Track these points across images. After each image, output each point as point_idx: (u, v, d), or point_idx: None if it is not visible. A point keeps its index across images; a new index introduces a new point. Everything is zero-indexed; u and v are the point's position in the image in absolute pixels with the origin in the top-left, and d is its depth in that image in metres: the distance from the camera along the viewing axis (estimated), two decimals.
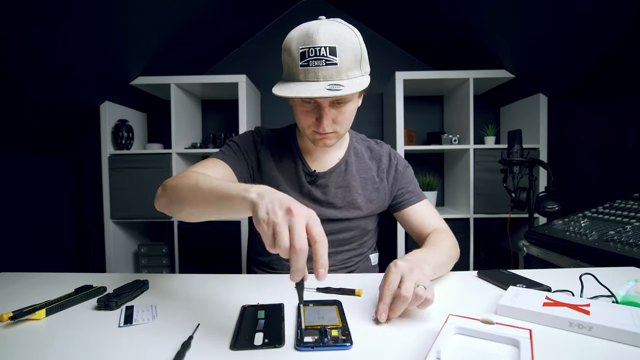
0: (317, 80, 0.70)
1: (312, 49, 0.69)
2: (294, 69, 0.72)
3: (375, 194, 0.93)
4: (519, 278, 0.73)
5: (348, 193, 0.90)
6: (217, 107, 2.56)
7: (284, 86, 0.73)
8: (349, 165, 0.92)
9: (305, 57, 0.70)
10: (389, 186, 0.95)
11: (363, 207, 0.91)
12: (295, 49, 0.71)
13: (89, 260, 2.32)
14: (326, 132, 0.78)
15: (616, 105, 1.63)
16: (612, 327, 0.48)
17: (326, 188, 0.90)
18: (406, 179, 0.96)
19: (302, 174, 0.89)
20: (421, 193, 0.96)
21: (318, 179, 0.89)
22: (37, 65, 1.50)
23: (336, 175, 0.91)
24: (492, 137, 2.22)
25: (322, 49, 0.69)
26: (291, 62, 0.72)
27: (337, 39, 0.70)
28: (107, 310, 0.60)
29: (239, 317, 0.56)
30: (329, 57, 0.69)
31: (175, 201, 0.67)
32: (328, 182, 0.90)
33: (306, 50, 0.70)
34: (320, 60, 0.69)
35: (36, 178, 1.93)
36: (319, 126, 0.77)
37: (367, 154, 0.96)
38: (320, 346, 0.47)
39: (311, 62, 0.69)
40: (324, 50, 0.69)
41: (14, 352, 0.47)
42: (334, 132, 0.80)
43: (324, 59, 0.69)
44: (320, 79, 0.70)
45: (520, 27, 1.70)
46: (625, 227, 1.03)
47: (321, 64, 0.69)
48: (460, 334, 0.49)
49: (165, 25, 1.83)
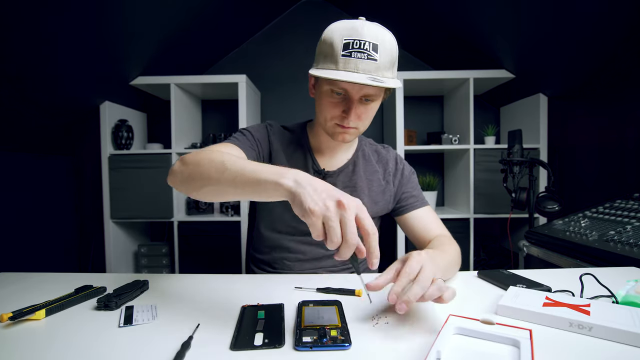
0: (357, 71, 0.71)
1: (358, 41, 0.71)
2: (335, 57, 0.72)
3: (380, 196, 0.94)
4: (519, 278, 0.73)
5: (355, 193, 0.91)
6: (217, 107, 2.56)
7: (322, 71, 0.73)
8: (357, 167, 0.93)
9: (348, 47, 0.71)
10: (394, 189, 0.96)
11: (368, 207, 0.89)
12: (338, 38, 0.72)
13: (89, 260, 2.32)
14: (350, 126, 0.79)
15: (616, 105, 1.63)
16: (612, 327, 0.48)
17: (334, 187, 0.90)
18: (411, 184, 0.97)
19: (312, 171, 0.91)
20: (424, 199, 0.97)
21: (327, 177, 0.91)
22: (37, 65, 1.50)
23: (344, 175, 0.92)
24: (492, 137, 2.22)
25: (367, 43, 0.71)
26: (331, 51, 0.73)
27: (380, 37, 0.72)
28: (107, 311, 0.60)
29: (239, 317, 0.56)
30: (371, 52, 0.71)
31: (197, 178, 0.62)
32: (336, 181, 0.91)
33: (351, 42, 0.71)
34: (362, 53, 0.71)
35: (36, 178, 1.93)
36: (344, 119, 0.78)
37: (374, 157, 0.97)
38: (319, 346, 0.47)
39: (354, 54, 0.71)
40: (367, 45, 0.71)
41: (13, 353, 0.47)
42: (355, 127, 0.81)
43: (366, 53, 0.71)
44: (360, 71, 0.71)
45: (520, 27, 1.70)
46: (626, 227, 1.03)
47: (363, 57, 0.71)
48: (461, 334, 0.49)
49: (165, 25, 1.83)
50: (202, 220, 2.12)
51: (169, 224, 2.36)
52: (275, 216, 0.93)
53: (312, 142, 0.94)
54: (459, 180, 2.26)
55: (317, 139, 0.92)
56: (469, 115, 2.08)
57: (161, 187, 2.06)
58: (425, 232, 0.91)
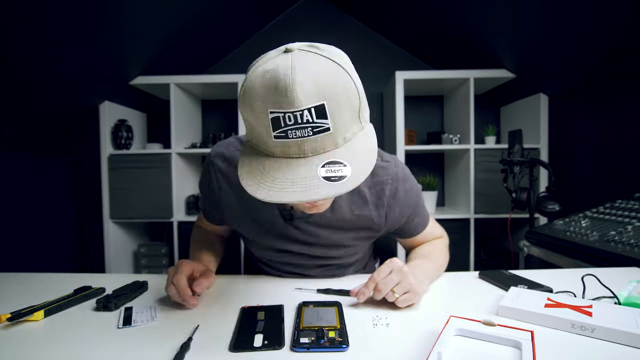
0: (303, 155, 0.48)
1: (290, 114, 0.46)
2: (265, 138, 0.49)
3: (368, 229, 0.75)
4: (520, 279, 0.73)
5: (335, 233, 0.74)
6: (217, 107, 2.56)
7: (255, 167, 0.50)
8: (337, 201, 0.71)
9: (280, 125, 0.46)
10: (390, 221, 0.76)
11: (352, 243, 0.77)
12: (262, 112, 0.47)
13: (88, 261, 2.31)
14: (318, 204, 0.61)
15: (617, 105, 1.63)
16: (614, 328, 0.48)
17: (305, 231, 0.73)
18: (416, 211, 0.78)
19: (277, 211, 0.72)
20: (427, 216, 0.83)
21: (295, 218, 0.72)
22: (37, 65, 1.50)
23: (319, 215, 0.71)
24: (492, 137, 2.21)
25: (305, 112, 0.46)
26: (259, 127, 0.49)
27: (324, 90, 0.46)
28: (106, 312, 0.60)
29: (238, 319, 0.56)
30: (317, 121, 0.46)
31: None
32: (308, 222, 0.72)
33: (280, 116, 0.46)
34: (304, 129, 0.46)
35: (36, 178, 1.93)
36: (308, 204, 0.59)
37: (365, 182, 0.71)
38: (316, 347, 0.47)
39: (290, 132, 0.46)
40: (307, 115, 0.46)
41: (12, 354, 0.47)
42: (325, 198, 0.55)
43: (309, 126, 0.46)
44: (308, 154, 0.48)
45: (521, 26, 1.70)
46: (626, 228, 1.03)
47: (306, 134, 0.47)
48: (461, 335, 0.48)
49: (165, 25, 1.82)
50: None
51: (169, 224, 2.36)
52: (252, 248, 0.86)
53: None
54: (459, 180, 2.26)
55: None
56: (469, 115, 2.07)
57: (161, 187, 2.06)
58: (419, 244, 0.87)
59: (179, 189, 2.13)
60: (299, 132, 0.47)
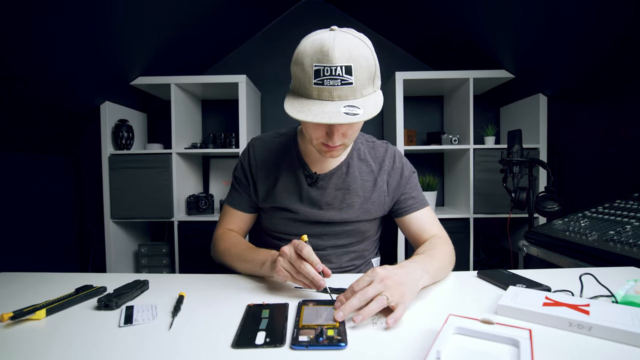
0: (331, 99, 0.68)
1: (328, 67, 0.66)
2: (307, 85, 0.69)
3: (375, 195, 0.92)
4: (518, 278, 0.73)
5: (348, 195, 0.90)
6: (217, 107, 2.56)
7: (297, 103, 0.70)
8: (351, 168, 0.91)
9: (319, 75, 0.67)
10: (391, 190, 0.93)
11: (362, 209, 0.91)
12: (308, 65, 0.68)
13: (89, 260, 2.32)
14: (335, 145, 0.77)
15: (616, 105, 1.63)
16: (611, 327, 0.48)
17: (325, 190, 0.90)
18: (410, 185, 0.94)
19: (303, 177, 0.90)
20: (424, 200, 0.95)
21: (318, 180, 0.90)
22: (38, 65, 1.50)
23: (337, 177, 0.91)
24: (492, 137, 2.22)
25: (338, 68, 0.66)
26: (303, 78, 0.69)
27: (353, 56, 0.67)
28: (107, 310, 0.60)
29: (243, 316, 0.57)
30: (345, 76, 0.67)
31: (219, 260, 0.91)
32: (328, 184, 0.90)
33: (321, 69, 0.66)
34: (335, 80, 0.66)
35: (36, 178, 1.93)
36: (328, 139, 0.76)
37: (370, 155, 0.95)
38: (315, 345, 0.47)
39: (326, 81, 0.67)
40: (339, 70, 0.66)
41: (14, 352, 0.47)
42: (342, 144, 0.78)
43: (339, 79, 0.67)
44: (335, 99, 0.68)
45: (520, 27, 1.70)
46: (625, 227, 1.03)
47: (336, 83, 0.67)
48: (460, 334, 0.49)
49: (165, 25, 1.83)
50: (203, 220, 2.12)
51: (169, 224, 2.36)
52: (274, 224, 0.95)
53: (303, 147, 0.92)
54: (459, 180, 2.26)
55: (307, 143, 0.90)
56: (468, 115, 2.08)
57: (161, 187, 2.07)
58: (420, 234, 0.91)
59: (179, 189, 2.13)
60: (332, 81, 0.67)
